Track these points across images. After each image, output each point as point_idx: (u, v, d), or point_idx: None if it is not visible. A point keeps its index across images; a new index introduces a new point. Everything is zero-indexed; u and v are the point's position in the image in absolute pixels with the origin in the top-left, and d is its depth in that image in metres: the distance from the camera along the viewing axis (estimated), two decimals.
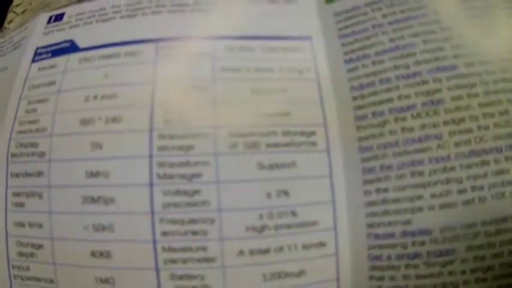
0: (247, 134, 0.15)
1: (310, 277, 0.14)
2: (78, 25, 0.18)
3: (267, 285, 0.14)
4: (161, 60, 0.16)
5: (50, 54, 0.18)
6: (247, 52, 0.16)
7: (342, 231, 0.14)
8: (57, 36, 0.18)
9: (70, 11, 0.19)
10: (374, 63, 0.16)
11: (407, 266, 0.14)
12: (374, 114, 0.15)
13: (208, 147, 0.14)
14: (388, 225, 0.14)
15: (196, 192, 0.14)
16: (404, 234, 0.14)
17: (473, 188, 0.14)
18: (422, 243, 0.14)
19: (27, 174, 0.16)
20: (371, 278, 0.14)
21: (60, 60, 0.17)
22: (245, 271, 0.14)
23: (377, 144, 0.15)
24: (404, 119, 0.15)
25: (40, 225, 0.15)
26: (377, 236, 0.14)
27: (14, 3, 0.28)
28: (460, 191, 0.14)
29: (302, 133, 0.15)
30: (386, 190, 0.14)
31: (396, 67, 0.15)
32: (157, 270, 0.14)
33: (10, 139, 0.17)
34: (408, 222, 0.14)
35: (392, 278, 0.14)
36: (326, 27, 0.16)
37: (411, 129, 0.15)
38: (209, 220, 0.14)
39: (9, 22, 0.27)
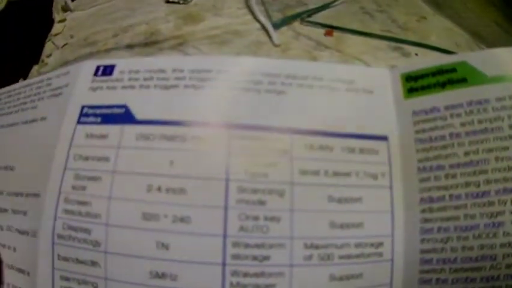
0: (322, 245, 0.15)
1: None
2: (133, 86, 0.16)
3: None
4: (234, 153, 0.15)
5: (99, 119, 0.16)
6: (326, 152, 0.15)
7: None
8: (108, 96, 0.17)
9: (122, 65, 0.17)
10: (446, 176, 0.16)
11: None
12: (439, 229, 0.16)
13: (283, 259, 0.14)
14: None
15: None
16: None
17: None
18: None
19: (79, 261, 0.15)
20: None
21: (113, 130, 0.16)
22: None
23: (436, 258, 0.16)
24: (466, 238, 0.15)
25: None
26: None
27: (53, 31, 0.25)
28: None
29: (372, 244, 0.15)
30: None
31: (467, 184, 0.16)
32: None
33: (55, 217, 0.15)
34: None
35: None
36: (403, 126, 0.16)
37: (470, 249, 0.15)
38: None
39: (48, 56, 0.23)
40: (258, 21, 0.24)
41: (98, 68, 0.17)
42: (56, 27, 0.26)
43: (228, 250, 0.14)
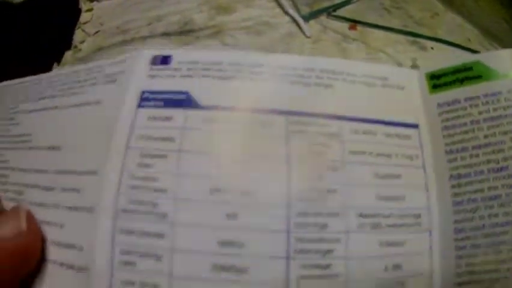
0: (371, 215, 0.17)
1: None
2: (192, 76, 0.18)
3: None
4: (292, 136, 0.17)
5: (162, 103, 0.17)
6: (370, 136, 0.18)
7: None
8: (168, 83, 0.18)
9: (179, 56, 0.19)
10: (470, 156, 0.18)
11: None
12: (468, 201, 0.18)
13: (340, 226, 0.17)
14: None
15: (329, 266, 0.16)
16: None
17: None
18: None
19: (143, 234, 0.16)
20: None
21: (176, 113, 0.17)
22: None
23: (468, 226, 0.18)
24: (491, 207, 0.18)
25: (156, 287, 0.16)
26: None
27: (82, 20, 0.27)
28: None
29: (412, 215, 0.18)
30: (473, 265, 0.18)
31: (488, 161, 0.18)
32: None
33: (119, 193, 0.16)
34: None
35: None
36: (430, 116, 0.19)
37: (496, 216, 0.18)
38: None
39: (81, 42, 0.26)
40: (288, 14, 0.26)
41: (155, 57, 0.19)
42: (84, 16, 0.27)
43: (291, 218, 0.16)
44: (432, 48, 0.24)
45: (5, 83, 0.24)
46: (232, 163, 0.17)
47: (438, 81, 0.19)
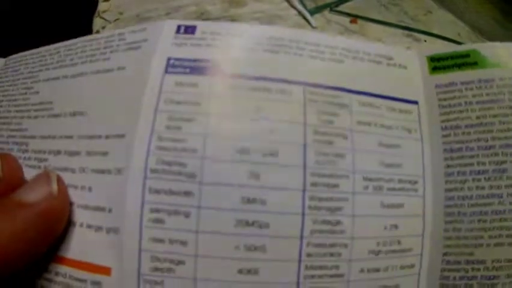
0: (374, 179, 0.19)
1: None
2: (216, 45, 0.19)
3: None
4: (308, 104, 0.19)
5: (188, 70, 0.18)
6: (374, 109, 0.20)
7: (425, 256, 0.20)
8: (194, 51, 0.19)
9: (203, 26, 0.20)
10: (463, 133, 0.20)
11: (465, 285, 0.20)
12: (458, 173, 0.20)
13: (348, 187, 0.19)
14: (457, 255, 0.20)
15: (338, 222, 0.18)
16: (467, 262, 0.20)
17: None
18: (478, 270, 0.20)
19: (172, 193, 0.17)
20: None
21: (202, 80, 0.18)
22: (362, 285, 0.19)
23: (457, 195, 0.20)
24: (479, 180, 0.20)
25: (184, 243, 0.16)
26: (448, 262, 0.20)
27: (100, 8, 0.28)
28: (508, 236, 0.20)
29: (409, 181, 0.20)
30: (459, 230, 0.20)
31: (478, 139, 0.20)
32: (298, 284, 0.18)
33: (148, 154, 0.17)
34: (471, 254, 0.20)
35: None
36: (429, 95, 0.21)
37: (482, 188, 0.20)
38: (344, 245, 0.18)
39: (103, 27, 0.26)
40: (294, 7, 0.28)
41: (179, 26, 0.19)
42: (102, 6, 0.28)
43: (307, 179, 0.18)
44: (425, 41, 0.27)
45: (20, 54, 0.24)
46: (255, 126, 0.18)
47: (438, 63, 0.21)
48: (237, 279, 0.17)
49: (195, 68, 0.18)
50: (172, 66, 0.18)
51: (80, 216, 0.18)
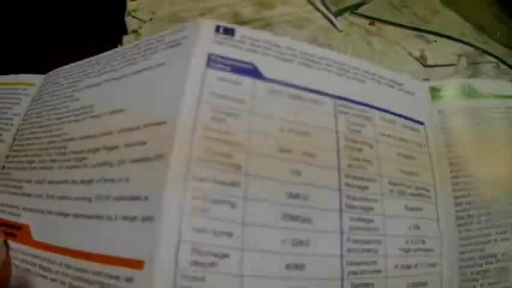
0: (398, 184, 0.21)
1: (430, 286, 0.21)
2: (255, 51, 0.20)
3: None
4: (339, 114, 0.21)
5: (229, 69, 0.19)
6: (392, 124, 0.23)
7: (445, 253, 0.21)
8: (234, 52, 0.20)
9: (242, 31, 0.20)
10: (464, 149, 0.24)
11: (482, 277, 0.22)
12: (464, 183, 0.23)
13: (377, 189, 0.21)
14: (470, 252, 0.22)
15: (371, 220, 0.20)
16: (480, 257, 0.22)
17: None
18: (491, 263, 0.22)
19: (217, 182, 0.17)
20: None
21: (245, 80, 0.19)
22: (398, 281, 0.20)
23: (466, 201, 0.23)
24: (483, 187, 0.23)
25: (229, 234, 0.16)
26: (462, 260, 0.22)
27: (130, 7, 0.29)
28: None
29: (424, 189, 0.22)
30: (469, 230, 0.22)
31: (475, 152, 0.24)
32: (342, 280, 0.18)
33: (192, 141, 0.17)
34: (482, 250, 0.22)
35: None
36: (432, 118, 0.24)
37: (485, 193, 0.23)
38: (378, 242, 0.20)
39: (139, 28, 0.28)
40: (319, 10, 0.30)
41: (218, 27, 0.20)
42: (131, 5, 0.29)
43: (342, 180, 0.20)
44: (435, 41, 0.30)
45: (59, 68, 0.26)
46: (294, 129, 0.19)
47: (437, 93, 0.25)
48: (285, 275, 0.17)
49: (237, 68, 0.19)
50: (214, 61, 0.19)
51: (113, 209, 0.17)
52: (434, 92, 0.25)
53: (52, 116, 0.23)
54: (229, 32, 0.20)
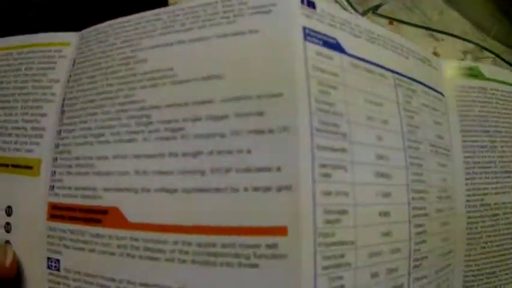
0: (436, 146, 0.26)
1: None
2: (335, 26, 0.21)
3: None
4: (398, 88, 0.24)
5: (321, 43, 0.20)
6: (427, 95, 0.27)
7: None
8: (321, 27, 0.20)
9: (322, 5, 0.21)
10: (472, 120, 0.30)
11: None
12: (475, 147, 0.29)
13: (423, 151, 0.26)
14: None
15: (421, 174, 0.25)
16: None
17: None
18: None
19: (333, 149, 0.18)
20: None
21: (335, 54, 0.20)
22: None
23: (478, 165, 0.29)
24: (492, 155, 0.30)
25: (346, 194, 0.18)
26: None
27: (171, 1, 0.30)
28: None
29: (448, 150, 0.28)
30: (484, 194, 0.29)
31: (481, 126, 0.30)
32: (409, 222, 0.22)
33: (311, 113, 0.18)
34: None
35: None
36: (451, 91, 0.30)
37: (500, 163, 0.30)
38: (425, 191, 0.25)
39: None
40: (347, 10, 0.34)
41: None
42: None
43: (405, 142, 0.23)
44: (443, 39, 0.35)
45: (101, 25, 0.23)
46: (372, 100, 0.22)
47: (453, 72, 0.30)
48: (378, 221, 0.20)
49: (327, 42, 0.20)
50: (309, 35, 0.19)
51: (241, 181, 0.18)
52: (451, 70, 0.30)
53: (113, 80, 0.21)
54: (310, 5, 0.20)
